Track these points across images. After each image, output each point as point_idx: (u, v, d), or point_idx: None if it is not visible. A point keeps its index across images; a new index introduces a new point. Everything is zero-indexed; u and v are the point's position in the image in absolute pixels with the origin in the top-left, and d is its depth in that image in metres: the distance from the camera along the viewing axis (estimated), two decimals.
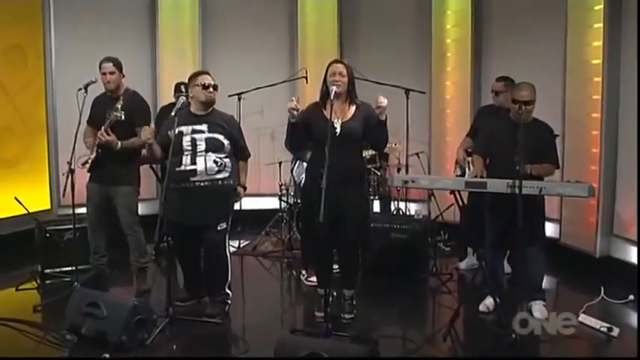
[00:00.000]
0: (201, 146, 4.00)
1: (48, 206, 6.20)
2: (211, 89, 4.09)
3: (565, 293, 4.99)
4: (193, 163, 3.99)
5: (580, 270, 5.12)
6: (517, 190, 3.51)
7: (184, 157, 3.99)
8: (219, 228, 4.07)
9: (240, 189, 4.24)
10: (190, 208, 4.02)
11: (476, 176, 3.93)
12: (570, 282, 5.12)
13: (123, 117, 4.30)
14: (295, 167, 5.29)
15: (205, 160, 4.00)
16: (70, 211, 4.66)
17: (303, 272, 5.02)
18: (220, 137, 4.06)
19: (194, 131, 4.03)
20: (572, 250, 5.37)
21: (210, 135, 4.04)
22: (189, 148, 4.00)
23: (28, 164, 6.08)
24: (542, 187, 3.61)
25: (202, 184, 4.01)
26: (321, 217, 3.28)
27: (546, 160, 4.02)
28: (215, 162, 4.01)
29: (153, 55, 6.84)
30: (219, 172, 4.04)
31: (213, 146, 4.02)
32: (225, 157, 4.07)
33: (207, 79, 4.10)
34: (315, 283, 4.54)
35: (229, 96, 6.09)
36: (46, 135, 6.23)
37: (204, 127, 4.05)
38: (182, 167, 3.98)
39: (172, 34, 6.86)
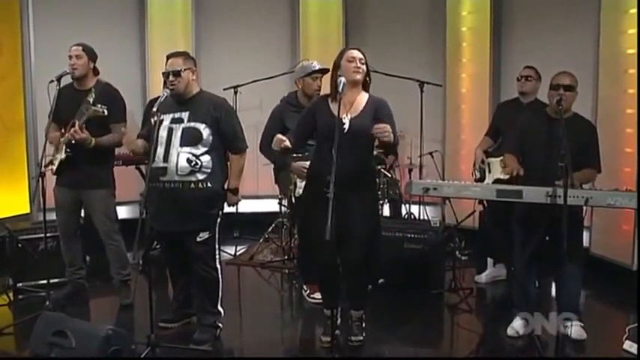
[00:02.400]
0: (176, 139, 3.44)
1: (27, 210, 5.70)
2: (171, 77, 3.48)
3: (601, 312, 4.47)
4: (165, 159, 3.44)
5: (615, 284, 4.60)
6: (558, 200, 2.98)
7: (158, 151, 3.44)
8: (199, 239, 3.50)
9: (230, 195, 3.63)
10: (164, 212, 3.50)
11: (510, 178, 3.39)
12: (606, 298, 4.60)
13: (106, 112, 3.85)
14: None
15: (178, 157, 3.42)
16: (50, 217, 4.23)
17: (305, 288, 4.51)
18: (200, 127, 3.46)
19: (174, 120, 3.49)
20: (605, 261, 4.86)
21: (189, 125, 3.46)
22: (164, 140, 3.45)
23: (5, 164, 5.60)
24: (589, 198, 3.08)
25: (172, 185, 3.44)
26: (328, 234, 2.75)
27: (588, 163, 3.49)
28: (188, 160, 3.42)
29: (142, 46, 6.32)
30: (192, 172, 3.44)
31: (188, 139, 3.44)
32: (204, 154, 3.46)
33: (168, 66, 3.52)
34: (319, 300, 4.10)
35: (225, 89, 5.64)
36: (24, 133, 5.73)
37: (185, 114, 3.49)
38: (154, 163, 3.42)
39: (163, 23, 6.32)
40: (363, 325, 3.62)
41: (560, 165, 2.96)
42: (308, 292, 4.44)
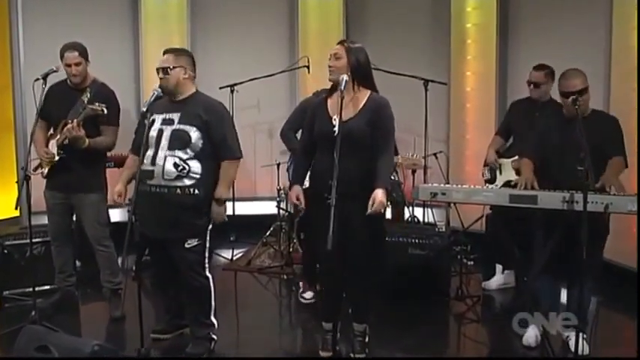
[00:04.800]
0: (165, 141, 3.25)
1: (17, 213, 5.49)
2: (160, 74, 3.30)
3: (612, 321, 4.28)
4: (153, 162, 3.25)
5: (627, 291, 4.36)
6: (575, 206, 2.79)
7: (147, 153, 3.25)
8: (187, 245, 3.30)
9: (214, 205, 3.33)
10: (150, 217, 3.30)
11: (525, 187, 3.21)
12: (617, 307, 4.40)
13: (105, 110, 3.70)
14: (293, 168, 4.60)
15: (165, 160, 3.23)
16: (39, 221, 4.18)
17: (300, 285, 4.44)
18: (190, 130, 3.25)
19: (164, 121, 3.30)
20: (617, 267, 4.63)
21: (178, 127, 3.26)
22: (154, 142, 3.27)
23: None
24: (609, 204, 2.89)
25: (158, 190, 3.25)
26: (329, 244, 2.55)
27: (614, 153, 3.31)
28: (175, 165, 3.22)
29: (136, 43, 6.13)
30: (178, 178, 3.23)
31: (176, 142, 3.24)
32: (192, 159, 3.24)
33: (160, 62, 3.33)
34: (310, 300, 4.27)
35: (221, 88, 5.51)
36: (13, 133, 5.57)
37: (175, 116, 3.29)
38: (143, 165, 3.23)
39: (157, 19, 6.13)
40: (367, 340, 3.42)
41: (579, 169, 2.77)
42: (301, 290, 4.38)
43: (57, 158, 3.82)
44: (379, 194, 3.02)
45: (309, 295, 4.34)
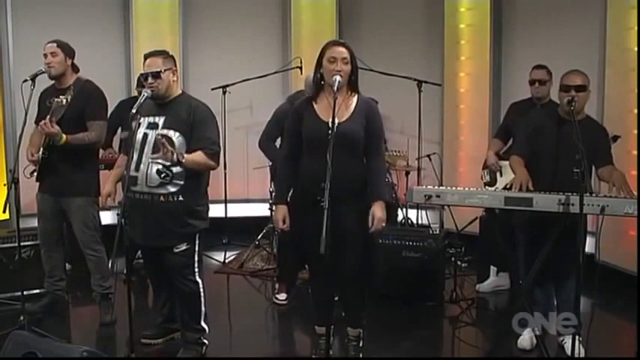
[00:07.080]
0: (148, 147, 3.18)
1: (6, 216, 5.41)
2: (150, 79, 3.21)
3: (608, 324, 4.22)
4: (137, 168, 3.18)
5: (623, 294, 4.36)
6: (571, 208, 2.76)
7: (132, 157, 3.19)
8: (175, 250, 3.25)
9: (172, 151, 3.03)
10: (136, 224, 3.23)
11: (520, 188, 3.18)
12: (614, 310, 4.36)
13: (64, 102, 3.58)
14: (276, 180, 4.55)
15: (149, 167, 3.16)
16: (28, 224, 4.15)
17: (276, 287, 4.45)
18: (173, 135, 3.18)
19: (149, 125, 3.24)
20: (614, 269, 4.62)
21: (162, 132, 3.19)
22: (139, 146, 3.20)
23: None
24: (605, 206, 2.85)
25: (142, 196, 3.19)
26: (322, 248, 2.50)
27: (607, 162, 3.32)
28: (158, 172, 3.15)
29: (127, 43, 6.06)
30: (162, 185, 3.17)
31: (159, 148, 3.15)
32: (175, 165, 3.14)
33: (147, 67, 3.24)
34: (283, 302, 4.29)
35: (213, 89, 5.44)
36: (2, 135, 5.47)
37: (160, 120, 3.23)
38: (129, 171, 3.16)
39: (148, 19, 6.07)
40: (361, 344, 3.38)
41: (575, 170, 2.74)
42: (276, 291, 4.38)
43: (40, 158, 3.75)
44: (378, 211, 3.02)
45: (282, 296, 4.34)
